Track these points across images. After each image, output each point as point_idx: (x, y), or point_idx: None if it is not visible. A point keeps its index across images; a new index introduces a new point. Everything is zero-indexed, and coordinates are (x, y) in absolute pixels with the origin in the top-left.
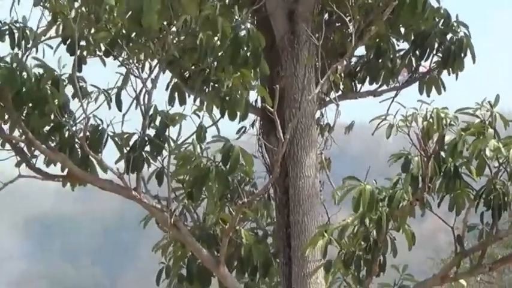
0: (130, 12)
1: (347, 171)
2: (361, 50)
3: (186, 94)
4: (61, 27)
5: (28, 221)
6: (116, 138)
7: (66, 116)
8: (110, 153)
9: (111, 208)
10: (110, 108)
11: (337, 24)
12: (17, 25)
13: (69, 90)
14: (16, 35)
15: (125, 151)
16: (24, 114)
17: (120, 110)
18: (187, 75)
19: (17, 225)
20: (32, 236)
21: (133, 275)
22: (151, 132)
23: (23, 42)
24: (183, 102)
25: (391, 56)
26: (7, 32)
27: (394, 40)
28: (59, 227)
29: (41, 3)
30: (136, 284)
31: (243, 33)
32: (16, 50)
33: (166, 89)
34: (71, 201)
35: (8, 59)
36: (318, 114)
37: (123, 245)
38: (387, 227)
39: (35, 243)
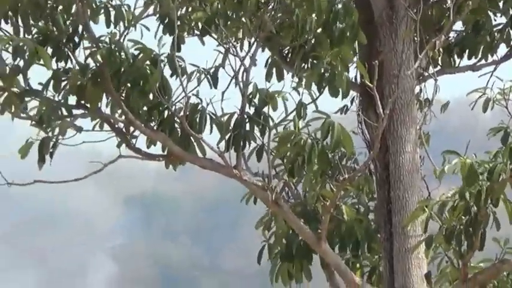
0: None
1: (444, 147)
2: (459, 25)
3: (284, 71)
4: (158, 6)
5: (129, 200)
6: (217, 120)
7: (165, 95)
8: (209, 131)
9: (211, 187)
10: (211, 87)
11: None
12: (113, 3)
13: (167, 70)
14: (112, 13)
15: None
16: (123, 95)
17: (216, 88)
18: (285, 52)
19: (118, 205)
20: (133, 215)
21: (233, 254)
22: (250, 110)
23: (121, 22)
24: (280, 78)
25: (490, 30)
26: (102, 11)
27: (492, 14)
28: (159, 207)
29: None
30: (236, 262)
31: (339, 7)
32: (114, 30)
33: (265, 65)
34: (170, 181)
35: (106, 40)
36: (417, 90)
37: (223, 224)
38: (487, 200)
39: (135, 222)
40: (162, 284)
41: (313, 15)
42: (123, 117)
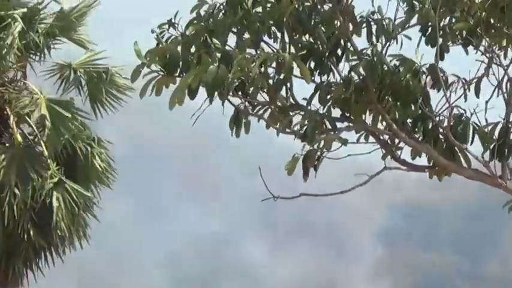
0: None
1: None
2: None
3: None
4: (416, 16)
5: (391, 209)
6: (481, 130)
7: (428, 106)
8: (470, 142)
9: (471, 195)
10: (477, 97)
11: None
12: (374, 17)
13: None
14: (374, 27)
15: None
16: (386, 107)
17: (478, 98)
18: None
19: (381, 213)
20: (395, 223)
21: (495, 262)
22: None
23: (382, 35)
24: None
25: None
26: (364, 25)
27: None
28: (421, 215)
29: None
30: (499, 270)
31: None
32: (375, 42)
33: None
34: (432, 190)
35: (368, 52)
36: None
37: (484, 232)
38: None
39: (397, 231)
40: None
41: None
42: (387, 129)
